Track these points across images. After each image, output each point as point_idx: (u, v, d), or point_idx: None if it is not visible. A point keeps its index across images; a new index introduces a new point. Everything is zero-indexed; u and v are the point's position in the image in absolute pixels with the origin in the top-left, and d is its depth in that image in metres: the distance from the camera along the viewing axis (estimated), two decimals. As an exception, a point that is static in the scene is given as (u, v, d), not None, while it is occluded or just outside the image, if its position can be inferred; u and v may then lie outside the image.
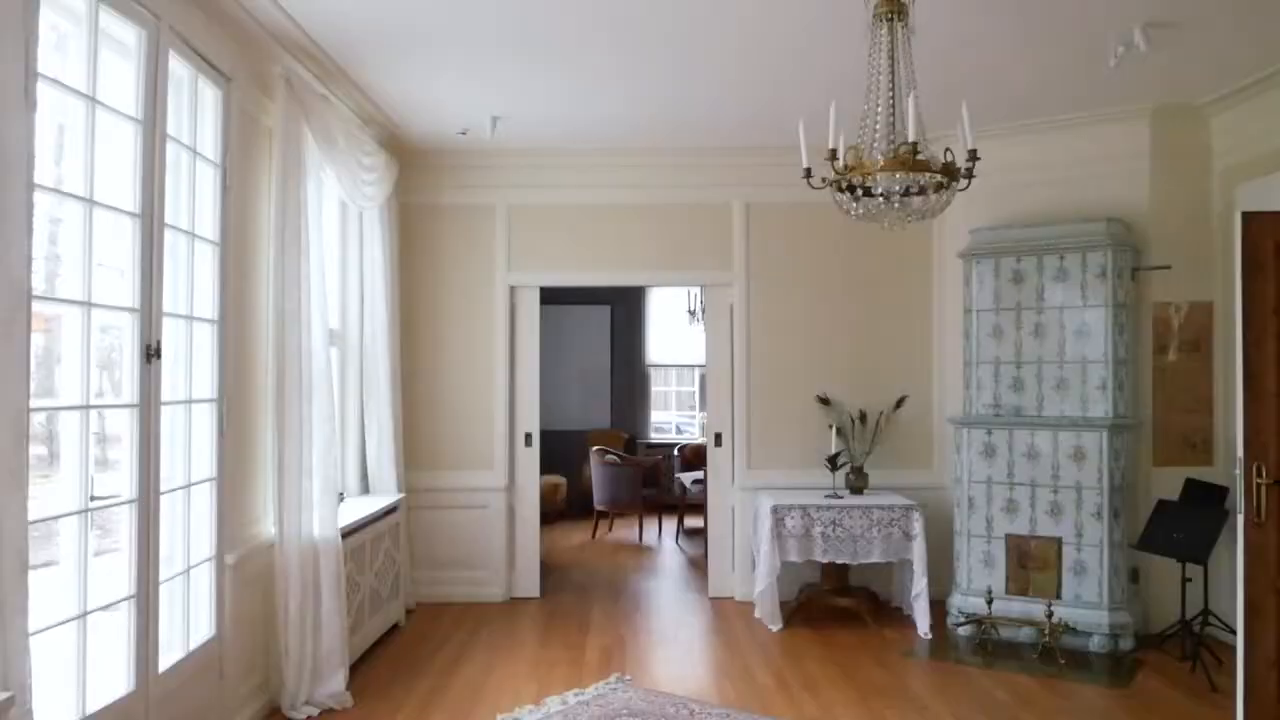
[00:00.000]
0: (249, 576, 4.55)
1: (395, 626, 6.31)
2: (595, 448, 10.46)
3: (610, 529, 10.56)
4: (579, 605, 7.07)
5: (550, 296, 8.02)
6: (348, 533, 5.27)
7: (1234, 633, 4.30)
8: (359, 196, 5.76)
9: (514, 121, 6.27)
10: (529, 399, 7.30)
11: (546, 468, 9.45)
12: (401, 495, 6.51)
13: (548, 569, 8.12)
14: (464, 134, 6.49)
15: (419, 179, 7.08)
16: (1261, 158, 5.65)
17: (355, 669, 5.32)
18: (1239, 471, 4.19)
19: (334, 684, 4.85)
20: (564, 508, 11.27)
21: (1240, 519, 4.20)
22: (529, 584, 7.26)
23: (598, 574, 8.30)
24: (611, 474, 10.04)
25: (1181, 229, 6.13)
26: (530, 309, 7.30)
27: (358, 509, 5.78)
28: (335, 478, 5.10)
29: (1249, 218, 4.20)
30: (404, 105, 5.98)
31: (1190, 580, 5.51)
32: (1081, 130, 6.25)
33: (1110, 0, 4.40)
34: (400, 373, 6.73)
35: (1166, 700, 5.01)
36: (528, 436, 7.29)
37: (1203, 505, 5.67)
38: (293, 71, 4.83)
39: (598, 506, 10.22)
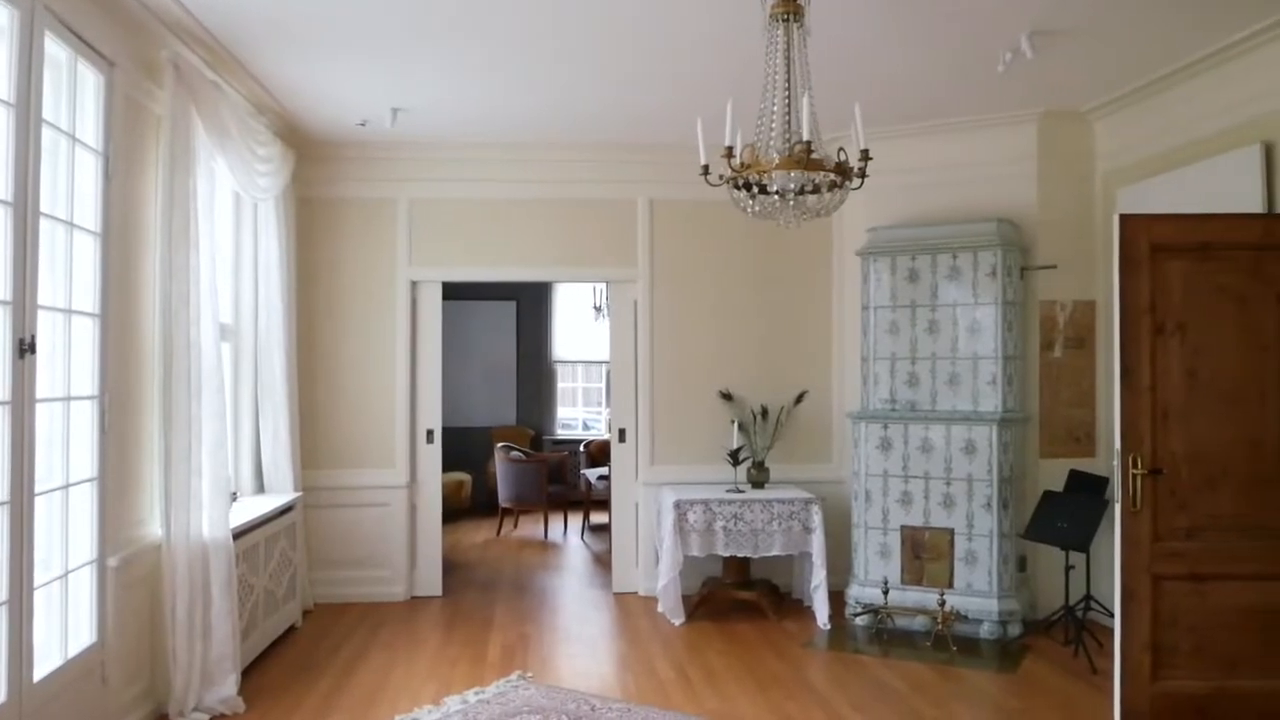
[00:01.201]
0: (134, 579, 4.39)
1: (292, 628, 6.16)
2: (500, 444, 10.38)
3: (515, 526, 10.49)
4: (482, 603, 7.01)
5: (455, 292, 7.93)
6: (240, 533, 5.12)
7: (1113, 617, 4.49)
8: (253, 188, 5.60)
9: (415, 114, 6.17)
10: (431, 395, 7.20)
11: (451, 465, 9.38)
12: (298, 494, 6.35)
13: (451, 567, 8.03)
14: (364, 125, 6.36)
15: (317, 171, 6.92)
16: (1139, 162, 5.91)
17: (249, 672, 5.18)
18: (1117, 463, 4.38)
19: (225, 688, 4.71)
20: (469, 505, 11.17)
21: (1118, 508, 4.39)
22: (431, 582, 7.17)
23: (502, 571, 8.24)
24: (517, 471, 9.98)
25: (1067, 230, 6.36)
26: (432, 304, 7.20)
27: (252, 508, 5.62)
28: (227, 476, 4.94)
29: (1125, 220, 4.39)
30: (300, 95, 5.83)
31: (1073, 568, 5.73)
32: (974, 133, 6.44)
33: (998, 8, 4.54)
34: (297, 369, 6.58)
35: (1050, 683, 5.21)
36: (429, 433, 7.19)
37: (1085, 495, 5.92)
38: (181, 57, 4.66)
39: (503, 503, 10.15)
